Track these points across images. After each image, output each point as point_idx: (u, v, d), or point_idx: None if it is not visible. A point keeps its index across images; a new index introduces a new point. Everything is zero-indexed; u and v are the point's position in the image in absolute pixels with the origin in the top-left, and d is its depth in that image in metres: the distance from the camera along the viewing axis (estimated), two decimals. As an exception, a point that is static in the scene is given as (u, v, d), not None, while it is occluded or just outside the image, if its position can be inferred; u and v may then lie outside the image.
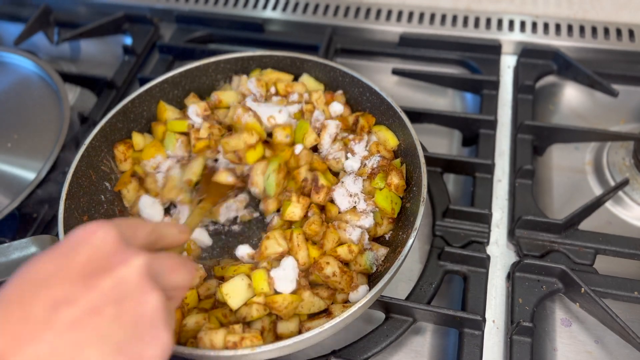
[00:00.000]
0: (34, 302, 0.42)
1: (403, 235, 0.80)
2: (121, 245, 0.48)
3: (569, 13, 1.21)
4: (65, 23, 1.33)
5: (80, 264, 0.45)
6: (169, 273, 0.51)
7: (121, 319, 0.44)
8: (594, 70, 1.08)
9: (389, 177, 0.82)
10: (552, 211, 0.96)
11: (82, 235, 0.47)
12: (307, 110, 0.93)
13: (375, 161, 0.84)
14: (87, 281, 0.44)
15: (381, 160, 0.84)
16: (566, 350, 0.80)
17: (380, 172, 0.82)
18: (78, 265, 0.45)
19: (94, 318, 0.43)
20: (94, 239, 0.47)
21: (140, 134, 0.94)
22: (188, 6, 1.30)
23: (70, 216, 0.80)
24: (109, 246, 0.47)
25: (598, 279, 0.82)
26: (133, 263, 0.47)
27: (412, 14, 1.24)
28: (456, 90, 1.16)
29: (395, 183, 0.82)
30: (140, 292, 0.46)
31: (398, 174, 0.83)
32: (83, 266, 0.45)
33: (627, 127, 1.07)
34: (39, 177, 0.91)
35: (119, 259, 0.47)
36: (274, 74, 0.98)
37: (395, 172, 0.83)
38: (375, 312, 0.83)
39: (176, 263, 0.53)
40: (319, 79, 0.98)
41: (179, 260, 0.54)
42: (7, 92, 1.08)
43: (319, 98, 0.94)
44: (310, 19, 1.24)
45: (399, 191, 0.83)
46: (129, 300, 0.45)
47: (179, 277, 0.53)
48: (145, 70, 1.23)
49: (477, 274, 0.85)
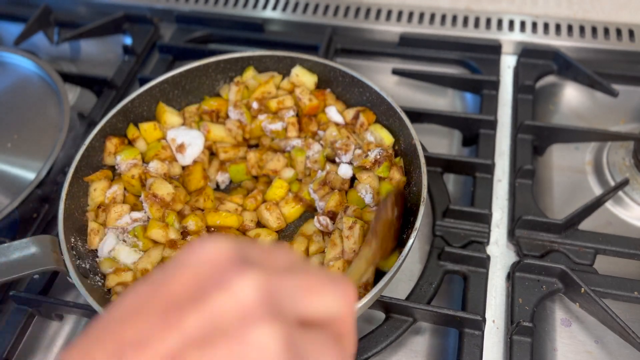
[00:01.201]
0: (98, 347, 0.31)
1: (403, 235, 0.80)
2: (231, 265, 0.33)
3: (569, 13, 1.21)
4: (65, 23, 1.33)
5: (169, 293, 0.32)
6: (304, 296, 0.34)
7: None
8: (594, 70, 1.08)
9: (390, 172, 0.84)
10: (552, 211, 0.96)
11: (186, 253, 0.34)
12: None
13: (378, 153, 0.85)
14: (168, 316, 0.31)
15: (383, 152, 0.85)
16: (566, 350, 0.80)
17: (385, 161, 0.83)
18: (165, 295, 0.32)
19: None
20: (199, 258, 0.34)
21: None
22: (188, 6, 1.30)
23: (70, 216, 0.80)
24: (212, 266, 0.33)
25: (598, 279, 0.82)
26: (238, 285, 0.32)
27: (412, 14, 1.24)
28: (456, 90, 1.16)
29: (396, 178, 0.84)
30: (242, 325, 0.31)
31: (399, 170, 0.85)
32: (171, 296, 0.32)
33: (627, 127, 1.07)
34: (39, 177, 0.91)
35: (218, 282, 0.32)
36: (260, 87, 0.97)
37: (396, 167, 0.85)
38: (375, 312, 0.83)
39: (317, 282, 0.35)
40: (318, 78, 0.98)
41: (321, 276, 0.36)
42: (7, 92, 1.08)
43: (302, 91, 0.95)
44: (310, 19, 1.24)
45: (399, 187, 0.84)
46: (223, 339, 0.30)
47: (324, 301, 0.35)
48: (145, 70, 1.23)
49: (477, 274, 0.85)
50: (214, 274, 0.32)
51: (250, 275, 0.32)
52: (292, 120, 0.94)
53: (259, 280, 0.32)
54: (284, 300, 0.33)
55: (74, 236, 0.80)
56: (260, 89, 0.96)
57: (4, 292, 0.90)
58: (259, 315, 0.31)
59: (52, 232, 0.96)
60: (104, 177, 0.87)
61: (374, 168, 0.84)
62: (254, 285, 0.32)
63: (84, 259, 0.79)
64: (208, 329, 0.31)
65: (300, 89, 0.95)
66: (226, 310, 0.31)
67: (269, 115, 0.95)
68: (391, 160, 0.85)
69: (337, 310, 0.35)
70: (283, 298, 0.33)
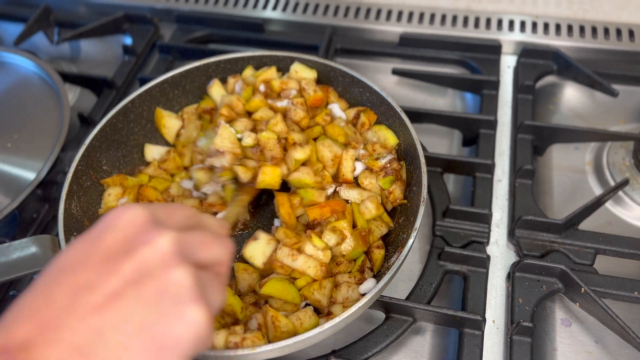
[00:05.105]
0: (58, 289, 0.42)
1: (403, 235, 0.80)
2: (149, 226, 0.46)
3: (569, 13, 1.21)
4: (65, 23, 1.33)
5: (105, 248, 0.44)
6: (201, 248, 0.49)
7: (142, 299, 0.43)
8: (594, 70, 1.08)
9: (392, 186, 0.83)
10: (552, 211, 0.96)
11: (111, 218, 0.46)
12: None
13: (388, 161, 0.84)
14: (109, 265, 0.43)
15: (392, 162, 0.84)
16: (566, 350, 0.80)
17: (391, 176, 0.83)
18: (103, 249, 0.44)
19: (115, 301, 0.42)
20: (121, 221, 0.46)
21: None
22: (188, 6, 1.30)
23: (70, 216, 0.80)
24: (135, 228, 0.45)
25: (598, 279, 0.82)
26: (157, 242, 0.45)
27: (412, 14, 1.24)
28: (456, 90, 1.16)
29: (396, 194, 0.83)
30: (163, 269, 0.44)
31: (401, 186, 0.84)
32: (108, 250, 0.44)
33: (627, 127, 1.07)
34: (39, 177, 0.91)
35: (143, 239, 0.45)
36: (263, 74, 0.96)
37: (400, 183, 0.84)
38: (375, 312, 0.83)
39: (209, 238, 0.50)
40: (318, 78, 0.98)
41: (212, 235, 0.51)
42: (7, 92, 1.08)
43: (308, 83, 0.94)
44: (310, 19, 1.24)
45: (394, 203, 0.84)
46: (151, 279, 0.44)
47: (213, 251, 0.50)
48: (145, 70, 1.23)
49: (477, 274, 0.85)
50: (139, 233, 0.45)
51: (167, 233, 0.46)
52: (301, 101, 0.92)
53: (172, 236, 0.46)
54: (188, 251, 0.47)
55: (74, 236, 0.80)
56: (263, 75, 0.96)
57: (4, 292, 0.90)
58: (174, 261, 0.45)
59: (52, 232, 0.96)
60: (119, 183, 0.88)
61: (379, 175, 0.84)
62: (169, 241, 0.45)
63: (84, 259, 0.79)
64: (140, 272, 0.43)
65: (305, 80, 0.95)
66: (152, 259, 0.44)
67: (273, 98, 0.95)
68: (397, 176, 0.84)
69: (220, 257, 0.51)
70: (188, 249, 0.47)
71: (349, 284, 0.76)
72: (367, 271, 0.79)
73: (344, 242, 0.78)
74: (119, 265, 0.43)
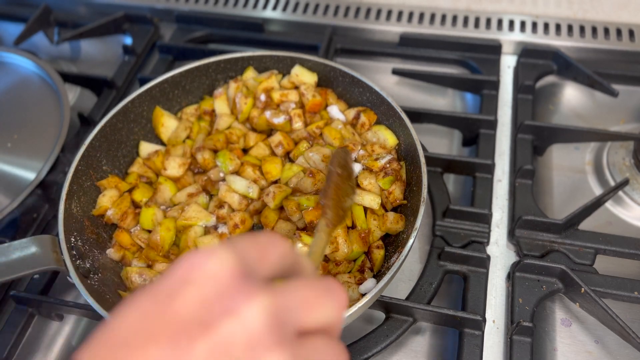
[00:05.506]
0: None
1: (403, 235, 0.80)
2: (236, 284, 0.34)
3: (569, 13, 1.21)
4: (65, 23, 1.33)
5: (177, 315, 0.32)
6: (305, 310, 0.36)
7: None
8: (594, 70, 1.08)
9: (392, 186, 0.83)
10: (552, 211, 0.96)
11: (187, 269, 0.34)
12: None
13: (387, 161, 0.84)
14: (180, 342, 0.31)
15: (392, 162, 0.84)
16: (566, 350, 0.80)
17: (391, 176, 0.83)
18: (174, 317, 0.32)
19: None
20: (200, 274, 0.34)
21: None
22: (188, 6, 1.30)
23: (70, 216, 0.80)
24: (218, 286, 0.33)
25: (598, 279, 0.82)
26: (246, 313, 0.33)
27: (412, 14, 1.24)
28: (456, 90, 1.16)
29: (395, 194, 0.83)
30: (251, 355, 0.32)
31: (401, 186, 0.84)
32: (180, 319, 0.32)
33: (627, 127, 1.07)
34: (39, 177, 0.91)
35: (227, 306, 0.33)
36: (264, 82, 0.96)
37: (400, 183, 0.84)
38: (375, 312, 0.83)
39: (315, 292, 0.37)
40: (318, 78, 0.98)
41: (318, 287, 0.38)
42: (7, 92, 1.08)
43: (307, 88, 0.94)
44: (310, 19, 1.24)
45: (394, 203, 0.84)
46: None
47: (322, 312, 0.37)
48: (145, 70, 1.23)
49: (477, 274, 0.85)
50: (221, 296, 0.33)
51: (257, 300, 0.33)
52: (298, 112, 0.93)
53: (264, 304, 0.33)
54: (287, 319, 0.34)
55: (74, 236, 0.80)
56: (264, 84, 0.96)
57: (4, 292, 0.90)
58: (268, 343, 0.32)
59: (52, 232, 0.96)
60: (114, 185, 0.88)
61: (379, 175, 0.84)
62: (261, 311, 0.33)
63: (84, 259, 0.79)
64: (218, 356, 0.31)
65: (304, 85, 0.95)
66: (235, 337, 0.32)
67: (273, 109, 0.95)
68: (397, 176, 0.84)
69: (331, 319, 0.38)
70: (286, 316, 0.34)
71: (349, 284, 0.76)
72: (367, 271, 0.79)
73: (338, 251, 0.78)
74: (193, 343, 0.31)
